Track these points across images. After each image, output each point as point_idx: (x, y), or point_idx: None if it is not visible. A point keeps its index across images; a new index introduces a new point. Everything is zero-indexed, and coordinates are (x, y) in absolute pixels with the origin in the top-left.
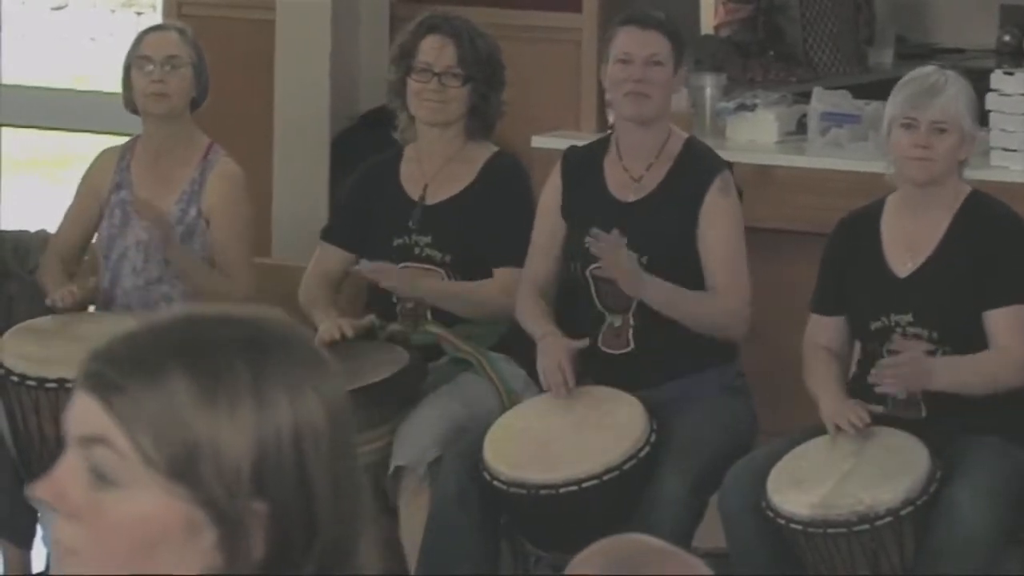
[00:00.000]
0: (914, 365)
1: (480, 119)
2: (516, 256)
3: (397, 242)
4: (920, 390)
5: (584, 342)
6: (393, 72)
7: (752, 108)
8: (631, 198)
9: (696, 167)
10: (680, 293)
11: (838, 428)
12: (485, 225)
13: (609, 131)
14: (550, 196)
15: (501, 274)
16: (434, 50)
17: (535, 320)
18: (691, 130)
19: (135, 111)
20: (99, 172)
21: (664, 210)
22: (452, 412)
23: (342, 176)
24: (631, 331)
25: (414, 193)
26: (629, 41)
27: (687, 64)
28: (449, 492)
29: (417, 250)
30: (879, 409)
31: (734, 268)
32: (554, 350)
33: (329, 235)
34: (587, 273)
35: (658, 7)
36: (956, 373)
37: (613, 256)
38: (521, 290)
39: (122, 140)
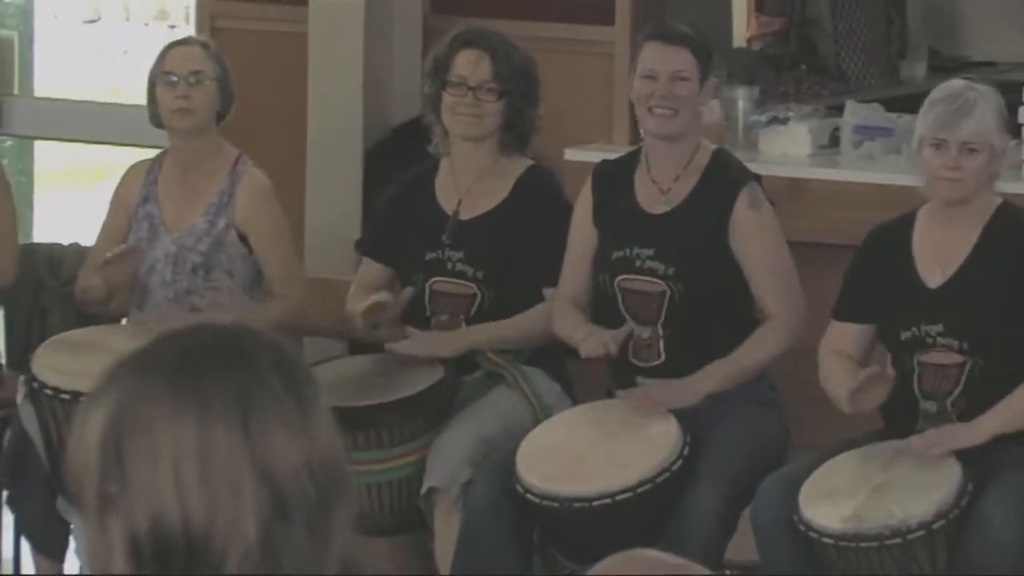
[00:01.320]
0: (944, 439)
1: (515, 133)
2: (546, 267)
3: (430, 256)
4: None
5: (627, 329)
6: (428, 86)
7: (785, 121)
8: (660, 210)
9: (723, 179)
10: (737, 361)
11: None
12: (519, 242)
13: (640, 144)
14: (582, 209)
15: (551, 296)
16: (469, 64)
17: (574, 326)
18: (723, 143)
19: (160, 126)
20: (128, 186)
21: (692, 222)
22: (485, 429)
23: (375, 189)
24: (661, 343)
25: (448, 207)
26: (653, 57)
27: (718, 76)
28: (482, 505)
29: (449, 265)
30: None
31: (783, 283)
32: (598, 335)
33: (365, 248)
34: (616, 285)
35: (690, 19)
36: (1001, 420)
37: (657, 401)
38: (556, 303)
39: (154, 152)
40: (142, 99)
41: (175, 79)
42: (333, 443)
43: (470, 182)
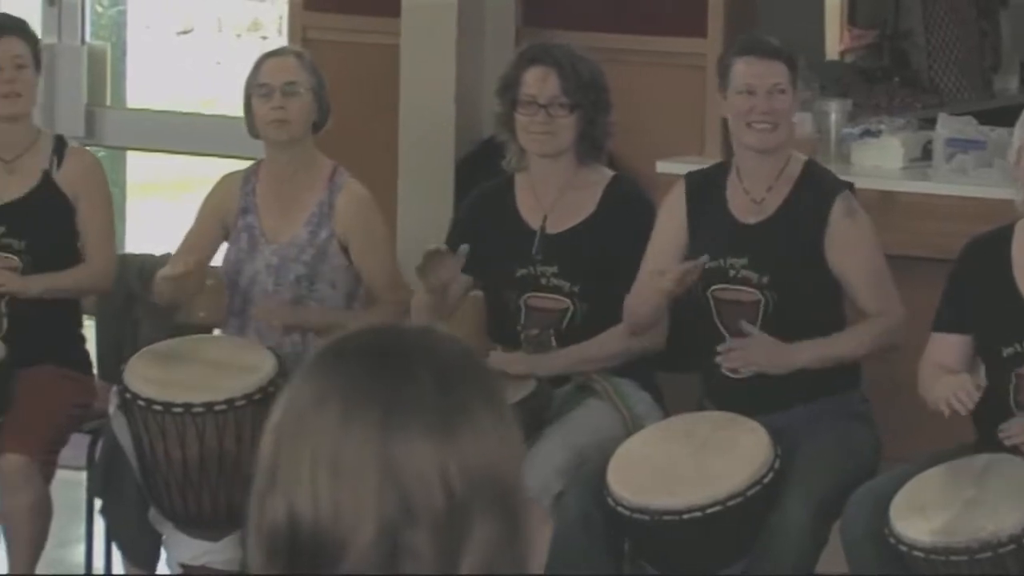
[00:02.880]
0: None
1: (589, 143)
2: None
3: (521, 272)
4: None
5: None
6: (499, 104)
7: (877, 134)
8: (753, 220)
9: (816, 188)
10: (833, 344)
11: (948, 406)
12: (612, 254)
13: (730, 156)
14: (672, 218)
15: None
16: (537, 82)
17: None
18: (815, 155)
19: (258, 137)
20: (223, 196)
21: (786, 231)
22: (577, 442)
23: None
24: None
25: (533, 222)
26: (750, 72)
27: (811, 89)
28: (573, 517)
29: (543, 280)
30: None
31: (883, 289)
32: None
33: None
34: (708, 294)
35: (783, 33)
36: None
37: (750, 358)
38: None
39: (246, 163)
40: (234, 110)
41: (270, 90)
42: (488, 456)
43: (553, 196)
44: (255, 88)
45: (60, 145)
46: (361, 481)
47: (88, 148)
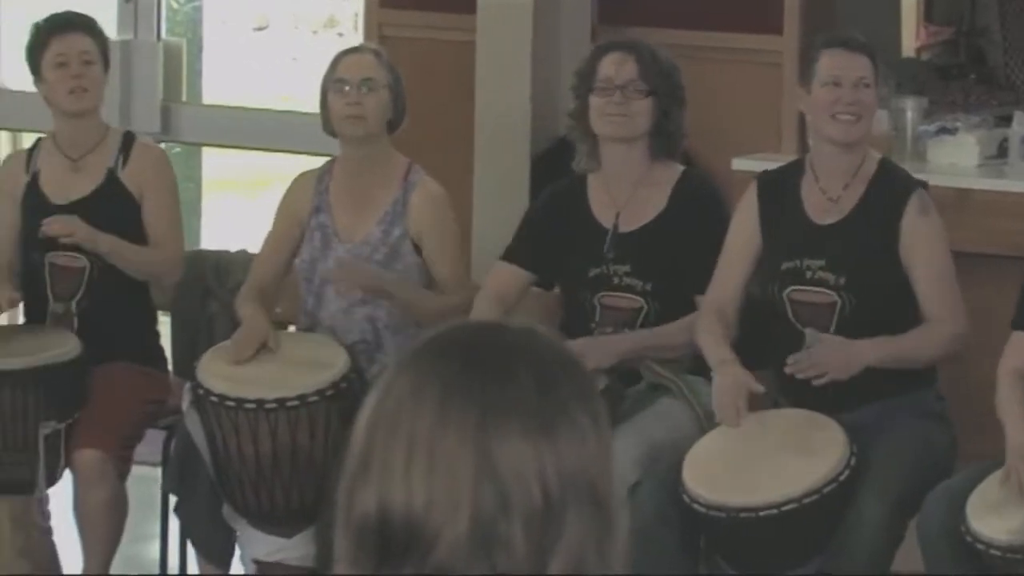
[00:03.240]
0: None
1: (663, 137)
2: (707, 273)
3: (594, 272)
4: None
5: (761, 389)
6: (573, 99)
7: (953, 131)
8: (828, 220)
9: (891, 187)
10: (897, 344)
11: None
12: (684, 249)
13: (805, 154)
14: (746, 218)
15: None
16: (614, 65)
17: (715, 344)
18: (891, 153)
19: (333, 134)
20: (297, 196)
21: (862, 231)
22: (651, 436)
23: None
24: None
25: (605, 221)
26: (837, 64)
27: (887, 86)
28: (648, 515)
29: (616, 279)
30: None
31: (948, 294)
32: (732, 386)
33: (510, 255)
34: (784, 295)
35: (860, 30)
36: None
37: (819, 366)
38: (704, 310)
39: (321, 160)
40: (311, 107)
41: (347, 86)
42: (585, 458)
43: (626, 193)
44: (332, 84)
45: (127, 142)
46: (457, 475)
47: (163, 144)
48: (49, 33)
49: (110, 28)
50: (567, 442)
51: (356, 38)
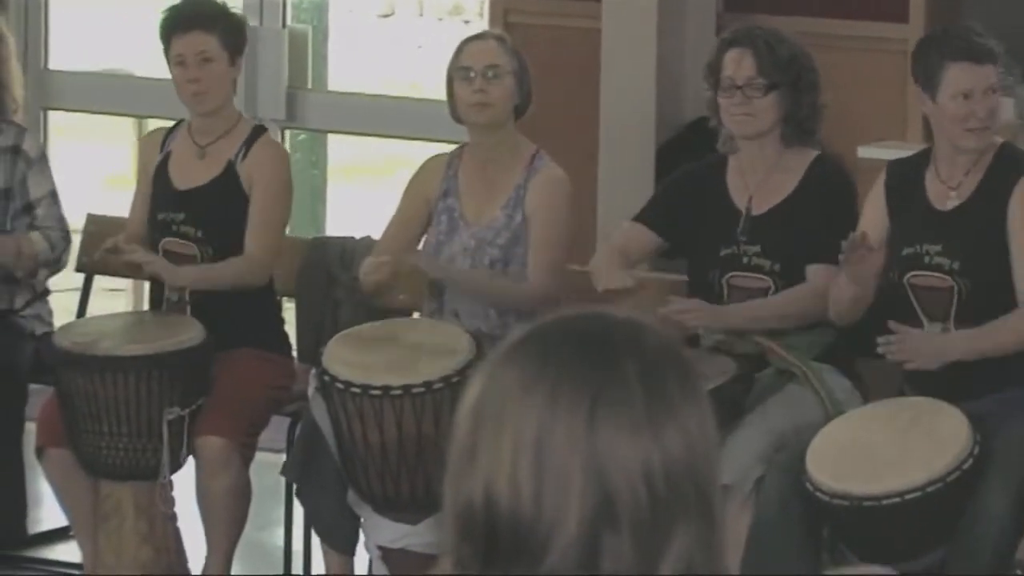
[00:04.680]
0: None
1: (795, 125)
2: (832, 254)
3: (725, 252)
4: None
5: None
6: (707, 89)
7: None
8: (947, 206)
9: (1006, 171)
10: (990, 334)
11: None
12: (811, 232)
13: (931, 144)
14: (872, 206)
15: (814, 273)
16: (733, 63)
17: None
18: (1017, 141)
19: (460, 121)
20: (427, 179)
21: (978, 216)
22: (776, 426)
23: None
24: None
25: (740, 203)
26: (967, 78)
27: (1014, 75)
28: (772, 503)
29: (746, 259)
30: None
31: None
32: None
33: (642, 216)
34: (905, 281)
35: (984, 18)
36: None
37: (905, 350)
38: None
39: (448, 147)
40: (437, 94)
41: (472, 73)
42: (690, 452)
43: (759, 178)
44: (457, 71)
45: (254, 135)
46: (565, 477)
47: (288, 131)
48: (170, 31)
49: None
50: (672, 437)
51: (482, 25)
